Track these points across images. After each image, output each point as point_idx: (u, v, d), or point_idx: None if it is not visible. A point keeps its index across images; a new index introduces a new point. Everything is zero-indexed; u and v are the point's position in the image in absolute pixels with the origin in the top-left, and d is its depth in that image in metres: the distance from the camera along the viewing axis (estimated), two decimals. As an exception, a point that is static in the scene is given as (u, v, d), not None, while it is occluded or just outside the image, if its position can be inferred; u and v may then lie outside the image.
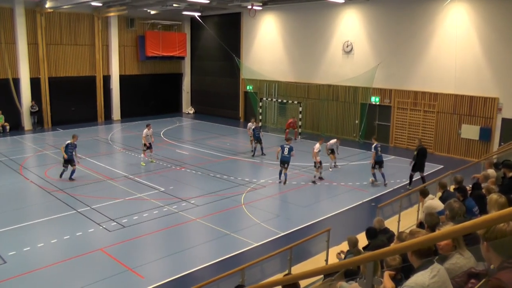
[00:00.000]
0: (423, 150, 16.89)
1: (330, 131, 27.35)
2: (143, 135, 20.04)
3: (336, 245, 10.99)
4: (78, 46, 30.87)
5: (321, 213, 14.37)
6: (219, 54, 34.57)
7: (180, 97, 38.01)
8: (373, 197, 15.74)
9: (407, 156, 21.56)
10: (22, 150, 23.27)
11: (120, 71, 33.02)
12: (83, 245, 11.78)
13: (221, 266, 10.50)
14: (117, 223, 13.27)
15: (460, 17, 21.37)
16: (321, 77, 27.74)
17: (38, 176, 18.13)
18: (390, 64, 24.30)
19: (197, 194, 16.15)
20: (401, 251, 4.12)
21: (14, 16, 27.49)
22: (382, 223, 9.22)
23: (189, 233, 13.02)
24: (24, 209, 14.58)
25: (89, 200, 15.23)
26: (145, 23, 33.98)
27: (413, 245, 3.14)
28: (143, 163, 19.97)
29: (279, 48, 30.27)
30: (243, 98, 33.54)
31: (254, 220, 13.71)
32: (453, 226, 2.85)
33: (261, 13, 30.35)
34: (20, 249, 11.42)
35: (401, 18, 23.60)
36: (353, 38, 25.88)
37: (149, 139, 20.09)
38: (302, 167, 19.79)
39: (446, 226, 4.53)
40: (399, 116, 24.45)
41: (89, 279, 9.97)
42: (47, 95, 29.63)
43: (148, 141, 20.06)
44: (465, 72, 21.51)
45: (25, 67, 28.30)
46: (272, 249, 10.48)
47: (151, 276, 10.23)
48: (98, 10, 30.64)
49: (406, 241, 3.47)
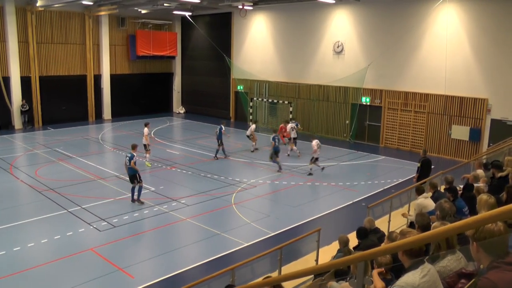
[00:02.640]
0: (428, 162, 15.25)
1: (321, 131, 27.42)
2: (145, 134, 19.68)
3: (326, 245, 11.05)
4: (69, 44, 30.67)
5: (312, 213, 14.40)
6: (209, 54, 34.53)
7: (171, 97, 37.91)
8: (364, 197, 15.80)
9: (397, 157, 21.77)
10: (12, 149, 23.06)
11: (111, 70, 32.88)
12: (74, 245, 11.72)
13: (212, 266, 10.50)
14: (108, 222, 13.21)
15: (451, 19, 21.52)
16: (312, 77, 27.80)
17: (28, 176, 17.99)
18: (381, 65, 24.41)
19: (187, 194, 16.13)
20: (392, 251, 4.16)
21: (4, 14, 27.25)
22: (373, 223, 9.28)
23: (180, 233, 13.00)
24: (14, 209, 14.47)
25: (80, 199, 15.14)
26: (136, 22, 33.85)
27: (404, 245, 3.17)
28: (148, 163, 19.68)
29: (270, 48, 30.30)
30: (234, 98, 33.53)
31: (244, 220, 13.71)
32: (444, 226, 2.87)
33: (252, 13, 30.36)
34: (10, 249, 11.35)
35: (392, 19, 23.73)
36: (344, 39, 25.97)
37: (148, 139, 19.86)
38: (292, 167, 19.83)
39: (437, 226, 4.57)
40: (390, 117, 24.57)
41: (80, 279, 9.92)
42: (38, 94, 29.42)
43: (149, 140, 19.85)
44: (455, 73, 21.68)
45: (15, 65, 28.07)
46: (263, 249, 10.48)
47: (141, 276, 10.21)
48: (89, 8, 30.46)
49: (397, 241, 3.49)
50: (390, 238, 6.29)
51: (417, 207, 9.48)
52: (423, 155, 15.42)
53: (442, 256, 4.17)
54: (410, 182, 16.50)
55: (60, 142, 24.53)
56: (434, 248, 4.37)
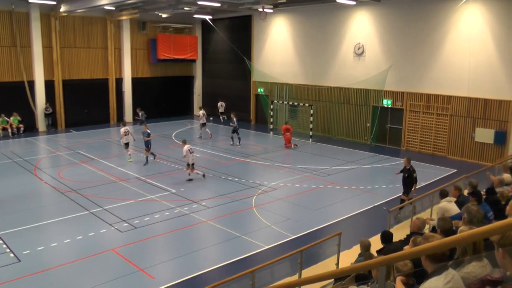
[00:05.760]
0: (408, 171, 14.16)
1: (341, 134, 27.26)
2: (121, 133, 21.06)
3: (347, 249, 10.95)
4: (91, 49, 31.15)
5: (332, 216, 14.29)
6: (230, 57, 34.64)
7: (191, 100, 38.13)
8: (385, 201, 15.62)
9: (419, 160, 21.47)
10: (36, 151, 23.48)
11: (132, 74, 33.27)
12: (95, 245, 11.87)
13: (231, 268, 10.49)
14: (129, 224, 13.34)
15: (474, 18, 21.13)
16: (333, 79, 27.65)
17: (51, 177, 18.29)
18: (402, 66, 24.15)
19: (208, 196, 16.17)
20: (414, 256, 4.08)
21: (30, 20, 27.90)
22: (423, 226, 8.71)
23: (200, 234, 13.03)
24: (38, 209, 14.73)
25: (101, 201, 15.33)
26: (156, 26, 34.18)
27: (427, 249, 3.11)
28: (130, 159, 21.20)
29: (290, 50, 30.25)
30: (254, 101, 33.56)
31: (264, 223, 13.68)
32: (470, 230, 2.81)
33: (272, 16, 30.36)
34: (34, 249, 11.54)
35: (413, 19, 23.43)
36: (365, 40, 25.77)
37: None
38: (313, 170, 19.73)
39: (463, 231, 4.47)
40: (411, 119, 24.27)
41: (101, 279, 10.04)
42: (61, 97, 29.94)
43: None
44: (479, 74, 21.26)
45: (39, 69, 28.67)
46: (283, 252, 10.44)
47: (161, 277, 10.27)
48: (110, 14, 30.89)
49: (420, 245, 3.43)
50: (415, 242, 6.14)
51: (440, 210, 9.26)
52: (408, 163, 14.23)
53: (467, 261, 4.07)
54: (432, 185, 16.29)
55: (83, 144, 24.88)
56: (460, 252, 4.28)
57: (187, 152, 17.99)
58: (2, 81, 27.47)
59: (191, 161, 18.05)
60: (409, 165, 14.21)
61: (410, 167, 14.16)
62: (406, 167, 14.28)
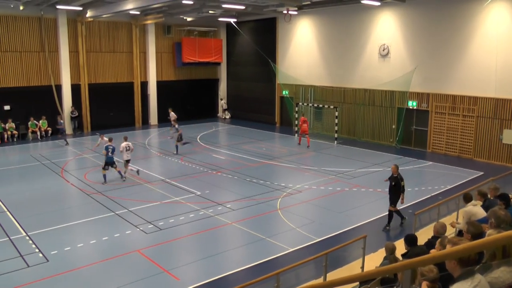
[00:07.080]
0: (396, 179, 13.34)
1: (366, 136, 27.03)
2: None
3: (372, 252, 10.86)
4: (117, 53, 31.65)
5: (357, 219, 14.17)
6: (254, 60, 34.73)
7: (216, 102, 38.34)
8: (410, 204, 15.40)
9: (445, 162, 21.16)
10: (63, 154, 23.94)
11: (157, 77, 33.68)
12: (121, 246, 12.04)
13: (256, 270, 10.51)
14: (154, 225, 13.48)
15: (501, 17, 20.67)
16: (357, 81, 27.46)
17: (78, 179, 18.64)
18: (427, 67, 23.82)
19: (233, 198, 16.23)
20: (440, 259, 4.02)
21: (58, 26, 28.57)
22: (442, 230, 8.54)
23: (225, 236, 13.09)
24: (65, 211, 15.03)
25: (127, 202, 15.54)
26: (181, 30, 34.51)
27: (456, 252, 3.06)
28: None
29: (315, 52, 30.15)
30: (279, 103, 33.56)
31: (289, 225, 13.66)
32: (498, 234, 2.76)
33: (297, 18, 30.32)
34: (61, 249, 11.79)
35: (438, 19, 23.08)
36: (389, 41, 25.51)
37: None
38: (338, 173, 19.62)
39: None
40: (437, 121, 23.89)
41: (126, 279, 10.18)
42: (87, 101, 30.49)
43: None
44: (506, 75, 20.79)
45: (66, 74, 29.29)
46: (307, 255, 10.42)
47: (186, 278, 10.35)
48: (135, 18, 31.32)
49: (447, 249, 3.39)
50: (442, 244, 5.86)
51: (466, 214, 9.08)
52: (396, 171, 13.38)
53: (495, 266, 4.00)
54: (458, 188, 16.01)
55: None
56: (489, 257, 4.20)
57: (123, 148, 18.40)
58: (32, 85, 28.14)
59: (126, 158, 18.54)
60: (397, 172, 13.34)
61: (397, 175, 13.28)
62: (394, 174, 13.29)
